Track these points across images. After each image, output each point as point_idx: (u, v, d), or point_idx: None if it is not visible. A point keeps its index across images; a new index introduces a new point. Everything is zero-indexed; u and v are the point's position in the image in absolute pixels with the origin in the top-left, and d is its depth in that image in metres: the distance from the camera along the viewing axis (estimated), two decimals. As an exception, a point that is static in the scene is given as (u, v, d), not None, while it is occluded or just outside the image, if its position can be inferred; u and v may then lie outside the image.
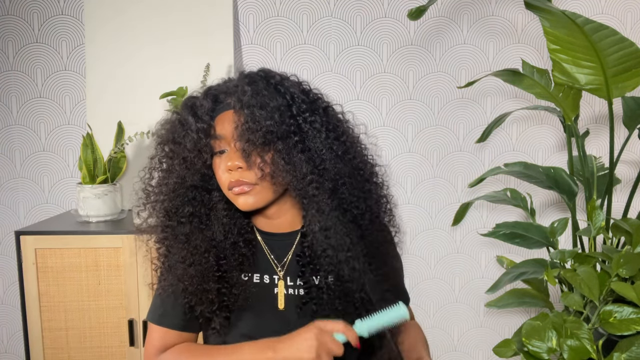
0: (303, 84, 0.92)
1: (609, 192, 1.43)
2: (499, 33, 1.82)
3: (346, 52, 1.82)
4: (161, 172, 0.95)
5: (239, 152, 0.85)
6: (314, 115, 0.88)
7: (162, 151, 0.94)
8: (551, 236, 1.48)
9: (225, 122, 0.87)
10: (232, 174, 0.86)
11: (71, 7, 1.76)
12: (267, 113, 0.83)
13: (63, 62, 1.78)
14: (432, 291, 1.94)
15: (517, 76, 1.45)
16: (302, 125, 0.87)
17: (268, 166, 0.85)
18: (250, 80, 0.88)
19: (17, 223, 1.84)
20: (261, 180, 0.86)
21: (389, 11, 1.80)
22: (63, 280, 1.46)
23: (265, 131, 0.83)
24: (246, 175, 0.86)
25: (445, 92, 1.85)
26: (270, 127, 0.83)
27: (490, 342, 1.96)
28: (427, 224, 1.91)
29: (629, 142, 1.50)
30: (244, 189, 0.86)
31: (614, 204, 1.75)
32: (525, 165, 1.59)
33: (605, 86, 1.27)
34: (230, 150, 0.87)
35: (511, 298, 1.50)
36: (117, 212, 1.61)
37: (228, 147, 0.87)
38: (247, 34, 1.80)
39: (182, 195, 0.91)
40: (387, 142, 1.86)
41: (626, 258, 1.18)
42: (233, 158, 0.86)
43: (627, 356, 1.10)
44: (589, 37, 1.16)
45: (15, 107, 1.80)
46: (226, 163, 0.86)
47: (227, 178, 0.87)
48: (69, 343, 1.48)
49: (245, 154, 0.84)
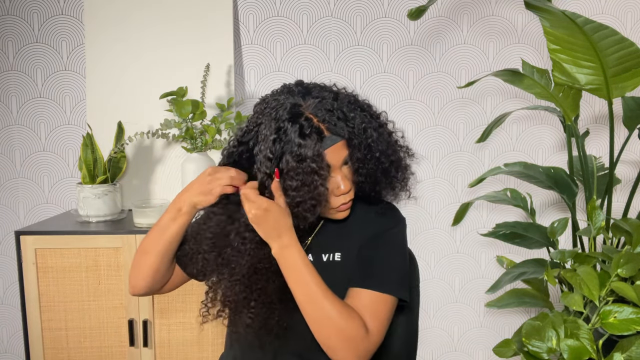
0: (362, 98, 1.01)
1: (609, 192, 1.43)
2: (499, 33, 1.82)
3: (346, 52, 1.82)
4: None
5: (349, 177, 0.95)
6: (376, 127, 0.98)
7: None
8: (551, 236, 1.48)
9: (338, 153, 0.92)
10: (344, 197, 0.95)
11: (71, 7, 1.76)
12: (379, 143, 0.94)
13: (63, 62, 1.78)
14: (432, 291, 1.94)
15: (517, 76, 1.45)
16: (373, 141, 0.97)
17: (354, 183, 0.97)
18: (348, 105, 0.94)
19: (17, 223, 1.84)
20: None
21: (389, 11, 1.80)
22: (63, 280, 1.46)
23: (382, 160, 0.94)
24: (352, 194, 0.97)
25: (445, 92, 1.85)
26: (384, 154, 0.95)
27: (490, 342, 1.96)
28: (427, 224, 1.91)
29: (629, 142, 1.50)
30: (349, 206, 0.97)
31: (614, 204, 1.75)
32: (525, 165, 1.59)
33: (605, 86, 1.27)
34: (340, 175, 0.93)
35: (511, 298, 1.50)
36: (117, 212, 1.61)
37: (335, 172, 0.93)
38: (247, 34, 1.80)
39: None
40: (387, 142, 1.86)
41: (626, 258, 1.18)
42: (347, 184, 0.93)
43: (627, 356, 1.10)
44: (589, 37, 1.16)
45: (15, 107, 1.80)
46: (339, 189, 0.93)
47: (338, 200, 0.95)
48: (69, 343, 1.48)
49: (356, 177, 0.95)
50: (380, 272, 0.97)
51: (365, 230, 1.02)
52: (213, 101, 1.69)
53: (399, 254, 1.01)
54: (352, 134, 0.91)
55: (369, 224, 1.03)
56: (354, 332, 0.89)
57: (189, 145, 1.59)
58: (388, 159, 0.96)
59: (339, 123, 0.90)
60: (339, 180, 0.93)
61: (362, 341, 0.89)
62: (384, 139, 0.96)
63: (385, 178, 0.99)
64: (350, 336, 0.88)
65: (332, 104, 0.91)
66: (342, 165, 0.93)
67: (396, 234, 1.03)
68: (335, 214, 0.97)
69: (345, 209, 0.96)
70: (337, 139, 0.90)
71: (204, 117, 1.58)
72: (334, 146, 0.90)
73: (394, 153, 0.98)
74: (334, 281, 0.95)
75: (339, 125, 0.90)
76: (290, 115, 0.88)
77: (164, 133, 1.57)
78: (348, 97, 0.96)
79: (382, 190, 1.02)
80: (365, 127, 0.92)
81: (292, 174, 0.87)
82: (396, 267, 0.99)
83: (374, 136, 0.93)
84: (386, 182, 1.00)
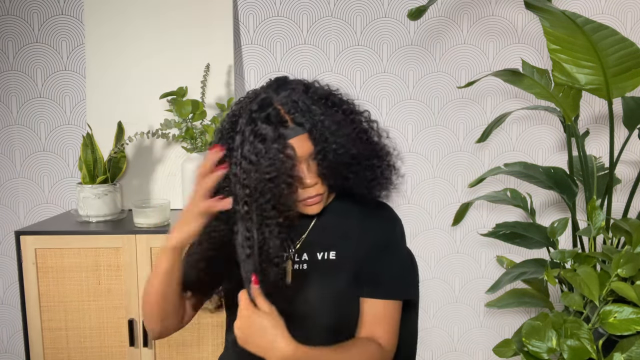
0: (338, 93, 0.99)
1: (609, 192, 1.43)
2: (499, 33, 1.82)
3: (346, 52, 1.82)
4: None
5: (314, 171, 0.94)
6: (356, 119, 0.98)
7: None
8: (551, 236, 1.48)
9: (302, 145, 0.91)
10: (309, 190, 0.94)
11: (71, 7, 1.76)
12: (338, 136, 0.92)
13: (63, 62, 1.78)
14: (432, 291, 1.94)
15: (517, 76, 1.45)
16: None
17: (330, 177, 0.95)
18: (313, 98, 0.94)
19: (17, 223, 1.84)
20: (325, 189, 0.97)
21: (389, 11, 1.80)
22: (63, 280, 1.46)
23: (340, 152, 0.92)
24: (320, 188, 0.95)
25: (445, 92, 1.85)
26: (343, 147, 0.92)
27: (490, 342, 1.96)
28: (427, 224, 1.91)
29: (629, 142, 1.50)
30: (316, 200, 0.96)
31: (614, 204, 1.75)
32: (525, 165, 1.59)
33: (605, 86, 1.27)
34: (306, 168, 0.93)
35: (511, 298, 1.50)
36: (117, 212, 1.61)
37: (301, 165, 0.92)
38: (247, 34, 1.80)
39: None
40: (387, 142, 1.86)
41: (626, 258, 1.18)
42: (311, 177, 0.93)
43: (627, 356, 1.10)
44: (589, 37, 1.16)
45: (15, 107, 1.80)
46: (304, 181, 0.92)
47: (303, 193, 0.94)
48: (69, 343, 1.48)
49: (319, 171, 0.94)
50: (390, 280, 1.01)
51: (365, 235, 1.02)
52: (213, 101, 1.69)
53: (402, 257, 1.05)
54: (312, 126, 0.91)
55: (367, 229, 1.02)
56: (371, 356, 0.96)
57: (189, 145, 1.59)
58: (347, 152, 0.94)
59: (301, 114, 0.90)
60: (305, 173, 0.92)
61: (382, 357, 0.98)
62: (345, 132, 0.94)
63: (351, 173, 0.96)
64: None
65: (299, 96, 0.92)
66: (309, 160, 0.93)
67: (397, 237, 1.05)
68: (304, 207, 0.96)
69: (312, 203, 0.95)
70: (300, 130, 0.90)
71: (204, 117, 1.58)
72: (298, 137, 0.90)
73: (355, 146, 0.95)
74: (328, 280, 0.98)
75: (299, 116, 0.90)
76: (260, 106, 0.89)
77: (164, 133, 1.56)
78: (319, 90, 0.96)
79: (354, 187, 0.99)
80: (324, 119, 0.92)
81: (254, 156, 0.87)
82: (403, 271, 1.04)
83: (331, 128, 0.92)
84: (355, 178, 0.97)
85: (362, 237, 1.02)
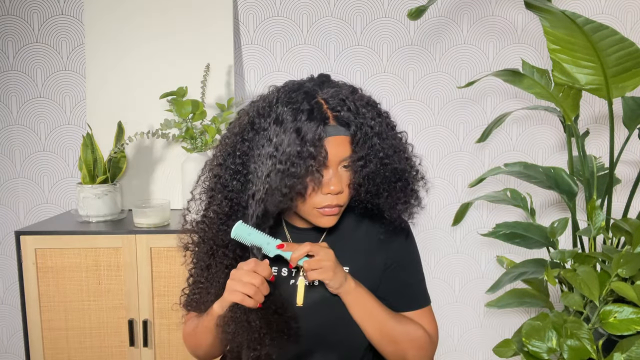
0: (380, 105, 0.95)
1: (609, 192, 1.43)
2: (499, 33, 1.82)
3: (346, 52, 1.82)
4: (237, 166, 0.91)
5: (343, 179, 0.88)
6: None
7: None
8: (551, 236, 1.48)
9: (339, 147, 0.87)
10: (330, 198, 0.88)
11: (71, 7, 1.76)
12: (386, 146, 0.88)
13: (63, 62, 1.78)
14: (432, 291, 1.93)
15: (517, 76, 1.45)
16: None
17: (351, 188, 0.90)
18: (362, 101, 0.89)
19: (17, 223, 1.84)
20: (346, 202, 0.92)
21: (389, 11, 1.80)
22: (63, 280, 1.46)
23: (385, 163, 0.88)
24: (342, 199, 0.90)
25: (445, 92, 1.85)
26: (389, 158, 0.89)
27: (490, 342, 1.96)
28: (427, 224, 1.91)
29: (629, 142, 1.50)
30: (334, 211, 0.89)
31: (614, 204, 1.75)
32: (525, 165, 1.59)
33: (605, 86, 1.27)
34: (333, 172, 0.87)
35: (511, 298, 1.50)
36: (117, 212, 1.61)
37: (330, 169, 0.87)
38: (247, 34, 1.80)
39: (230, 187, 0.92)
40: (387, 142, 1.86)
41: (626, 258, 1.18)
42: (337, 183, 0.87)
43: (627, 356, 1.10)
44: (589, 37, 1.16)
45: (15, 107, 1.80)
46: (328, 186, 0.87)
47: (324, 199, 0.88)
48: (69, 343, 1.48)
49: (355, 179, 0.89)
50: (418, 291, 1.03)
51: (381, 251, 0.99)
52: (213, 101, 1.69)
53: (420, 265, 1.07)
54: (358, 129, 0.86)
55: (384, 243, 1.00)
56: (422, 340, 0.98)
57: (189, 145, 1.59)
58: (392, 165, 0.89)
59: (347, 114, 0.86)
60: (332, 177, 0.87)
61: (430, 346, 1.00)
62: (392, 144, 0.90)
63: (387, 188, 0.91)
64: (422, 345, 0.98)
65: (347, 95, 0.88)
66: (341, 166, 0.88)
67: (412, 248, 1.05)
68: (319, 217, 0.90)
69: (330, 213, 0.89)
70: (342, 131, 0.86)
71: (204, 117, 1.58)
72: (336, 138, 0.86)
73: (400, 161, 0.91)
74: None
75: (346, 116, 0.86)
76: (303, 97, 0.85)
77: (164, 133, 1.56)
78: (366, 96, 0.92)
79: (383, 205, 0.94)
80: (374, 125, 0.87)
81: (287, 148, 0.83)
82: (423, 279, 1.06)
83: (382, 135, 0.88)
84: (388, 196, 0.92)
85: (375, 252, 0.99)
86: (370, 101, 0.91)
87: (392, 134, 0.91)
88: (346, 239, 0.99)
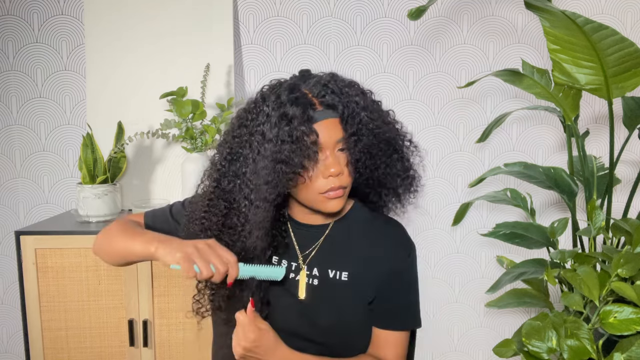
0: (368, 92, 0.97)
1: (609, 192, 1.43)
2: (499, 33, 1.82)
3: (346, 52, 1.82)
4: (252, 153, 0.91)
5: (341, 160, 0.89)
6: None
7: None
8: (551, 236, 1.47)
9: (330, 130, 0.88)
10: (333, 180, 0.88)
11: (71, 7, 1.76)
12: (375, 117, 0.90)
13: (63, 62, 1.78)
14: (432, 291, 1.94)
15: (517, 76, 1.45)
16: None
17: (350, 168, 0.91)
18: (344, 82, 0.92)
19: (17, 223, 1.84)
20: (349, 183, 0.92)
21: (389, 11, 1.80)
22: (63, 280, 1.46)
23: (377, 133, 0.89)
24: (344, 180, 0.90)
25: (445, 92, 1.85)
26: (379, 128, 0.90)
27: (490, 342, 1.96)
28: (427, 224, 1.91)
29: (629, 142, 1.50)
30: (339, 193, 0.90)
31: (614, 204, 1.75)
32: (525, 165, 1.59)
33: (605, 86, 1.27)
34: (330, 155, 0.88)
35: (511, 298, 1.49)
36: (117, 212, 1.61)
37: (327, 153, 0.88)
38: (247, 34, 1.80)
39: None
40: (387, 142, 1.86)
41: (626, 258, 1.18)
42: (336, 165, 0.88)
43: (627, 356, 1.10)
44: (589, 37, 1.16)
45: (15, 107, 1.80)
46: (328, 169, 0.88)
47: (327, 183, 0.88)
48: (69, 343, 1.48)
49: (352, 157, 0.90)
50: (405, 312, 1.01)
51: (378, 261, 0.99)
52: (213, 101, 1.69)
53: (416, 285, 1.04)
54: (345, 107, 0.88)
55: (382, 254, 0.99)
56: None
57: (189, 145, 1.59)
58: (384, 134, 0.91)
59: (332, 96, 0.88)
60: (330, 161, 0.88)
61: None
62: (380, 116, 0.92)
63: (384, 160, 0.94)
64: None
65: (328, 80, 0.91)
66: (337, 149, 0.89)
67: (411, 264, 1.04)
68: (325, 202, 0.90)
69: (334, 196, 0.89)
70: (330, 114, 0.88)
71: (204, 117, 1.58)
72: (327, 121, 0.87)
73: (391, 131, 0.93)
74: (342, 301, 0.96)
75: (331, 98, 0.88)
76: (287, 91, 0.88)
77: (164, 133, 1.57)
78: (348, 79, 0.94)
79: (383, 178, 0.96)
80: (359, 100, 0.89)
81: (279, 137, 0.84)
82: (415, 303, 1.03)
83: (368, 108, 0.90)
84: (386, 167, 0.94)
85: (375, 262, 0.99)
86: (352, 82, 0.94)
87: (378, 107, 0.94)
88: (350, 243, 0.99)
